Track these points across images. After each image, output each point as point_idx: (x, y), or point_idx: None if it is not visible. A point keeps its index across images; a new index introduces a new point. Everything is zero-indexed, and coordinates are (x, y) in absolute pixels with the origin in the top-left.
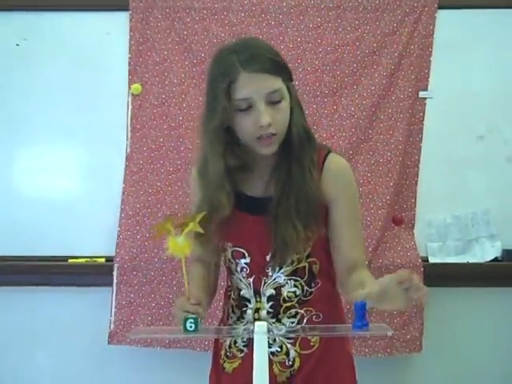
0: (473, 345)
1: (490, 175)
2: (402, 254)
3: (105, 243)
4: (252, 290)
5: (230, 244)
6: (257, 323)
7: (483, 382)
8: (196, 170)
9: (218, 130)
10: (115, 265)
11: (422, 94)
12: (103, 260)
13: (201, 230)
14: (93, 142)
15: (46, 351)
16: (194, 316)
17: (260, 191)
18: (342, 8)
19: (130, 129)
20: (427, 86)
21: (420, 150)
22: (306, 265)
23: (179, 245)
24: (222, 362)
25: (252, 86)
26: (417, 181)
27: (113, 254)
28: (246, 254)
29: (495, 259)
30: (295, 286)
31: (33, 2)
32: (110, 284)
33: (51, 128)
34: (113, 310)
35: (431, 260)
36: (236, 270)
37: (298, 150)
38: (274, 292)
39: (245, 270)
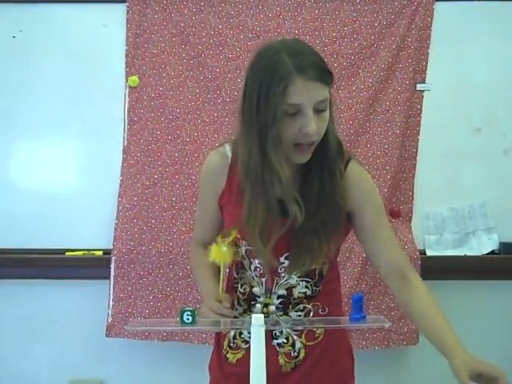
0: (470, 337)
1: (488, 168)
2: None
3: (102, 236)
4: (264, 289)
5: (244, 242)
6: (253, 316)
7: None
8: (241, 170)
9: (279, 136)
10: (113, 258)
11: (419, 86)
12: (101, 253)
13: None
14: (90, 134)
15: (44, 344)
16: (191, 308)
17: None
18: (339, 0)
19: (127, 121)
20: (425, 78)
21: (417, 142)
22: (318, 267)
23: (222, 253)
24: (224, 352)
25: (305, 93)
26: (414, 173)
27: (110, 246)
28: None
29: (492, 252)
30: (306, 286)
31: None
32: (108, 277)
33: (48, 120)
34: (110, 302)
35: (428, 253)
36: (250, 268)
37: (331, 158)
38: (285, 292)
39: (258, 269)
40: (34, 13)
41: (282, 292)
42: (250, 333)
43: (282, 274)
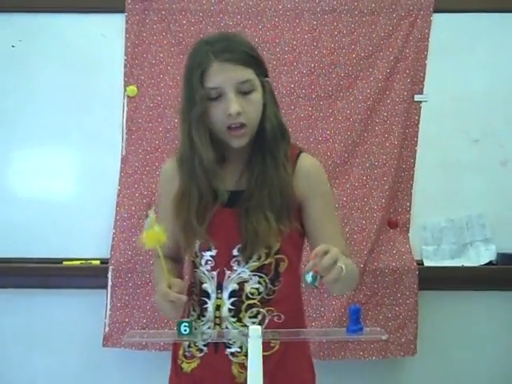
0: (467, 348)
1: (485, 179)
2: (396, 257)
3: (100, 245)
4: (215, 284)
5: None
6: (251, 327)
7: None
8: (177, 161)
9: (201, 119)
10: (110, 267)
11: (417, 97)
12: (98, 262)
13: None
14: (88, 144)
15: (41, 353)
16: (187, 320)
17: (232, 184)
18: (337, 11)
19: (125, 131)
20: (422, 89)
21: (415, 153)
22: (273, 261)
23: (156, 234)
24: (179, 362)
25: (222, 75)
26: (412, 184)
27: (108, 256)
28: (212, 247)
29: (490, 263)
30: (259, 282)
31: (29, 4)
32: (105, 286)
33: (47, 130)
34: (107, 312)
35: (426, 263)
36: (200, 264)
37: (271, 143)
38: (237, 287)
39: (210, 262)
40: (34, 22)
41: (234, 287)
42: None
43: (235, 268)
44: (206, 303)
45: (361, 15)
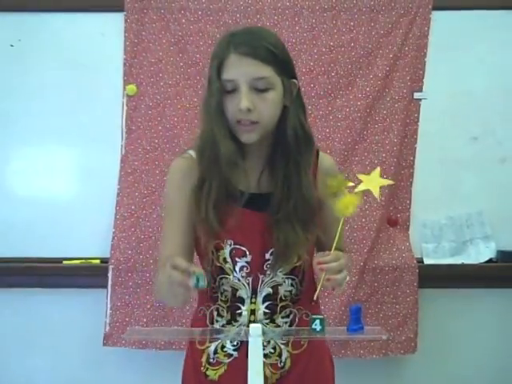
0: (468, 346)
1: (485, 176)
2: (396, 255)
3: (99, 244)
4: (250, 290)
5: (230, 241)
6: (251, 325)
7: (477, 382)
8: (197, 151)
9: (219, 110)
10: (110, 266)
11: (416, 95)
12: (98, 261)
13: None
14: (88, 143)
15: (41, 353)
16: (199, 272)
17: (252, 186)
18: (336, 9)
19: (125, 130)
20: (422, 87)
21: (415, 151)
22: (302, 263)
23: (354, 204)
24: (203, 369)
25: (238, 68)
26: (411, 182)
27: (108, 255)
28: (248, 252)
29: (490, 260)
30: (292, 285)
31: (27, 3)
32: (105, 286)
33: (46, 129)
34: (108, 311)
35: (426, 261)
36: (233, 270)
37: (294, 149)
38: (271, 291)
39: (245, 269)
40: (33, 22)
41: (268, 291)
42: (234, 345)
43: (268, 272)
44: (240, 308)
45: (360, 13)
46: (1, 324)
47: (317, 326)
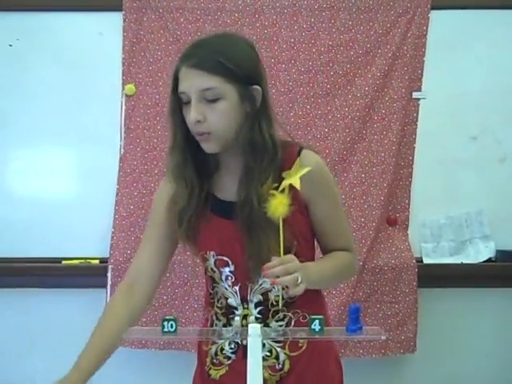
0: (467, 345)
1: (484, 176)
2: (396, 254)
3: (99, 244)
4: (239, 298)
5: (213, 253)
6: (250, 325)
7: (477, 382)
8: (167, 166)
9: (176, 121)
10: (109, 266)
11: (415, 94)
12: (97, 261)
13: (298, 187)
14: (86, 143)
15: (40, 353)
16: (172, 317)
17: (232, 195)
18: (335, 9)
19: (123, 130)
20: (420, 86)
21: (414, 150)
22: None
23: (284, 204)
24: (207, 369)
25: (187, 80)
26: (411, 181)
27: (107, 255)
28: (230, 262)
29: (489, 260)
30: (282, 288)
31: (26, 3)
32: (105, 285)
33: (45, 129)
34: None
35: (425, 261)
36: (220, 279)
37: (250, 158)
38: (261, 298)
39: (230, 278)
40: (31, 21)
41: (259, 298)
42: (232, 348)
43: (256, 280)
44: (233, 314)
45: (358, 12)
46: (0, 324)
47: (316, 326)
